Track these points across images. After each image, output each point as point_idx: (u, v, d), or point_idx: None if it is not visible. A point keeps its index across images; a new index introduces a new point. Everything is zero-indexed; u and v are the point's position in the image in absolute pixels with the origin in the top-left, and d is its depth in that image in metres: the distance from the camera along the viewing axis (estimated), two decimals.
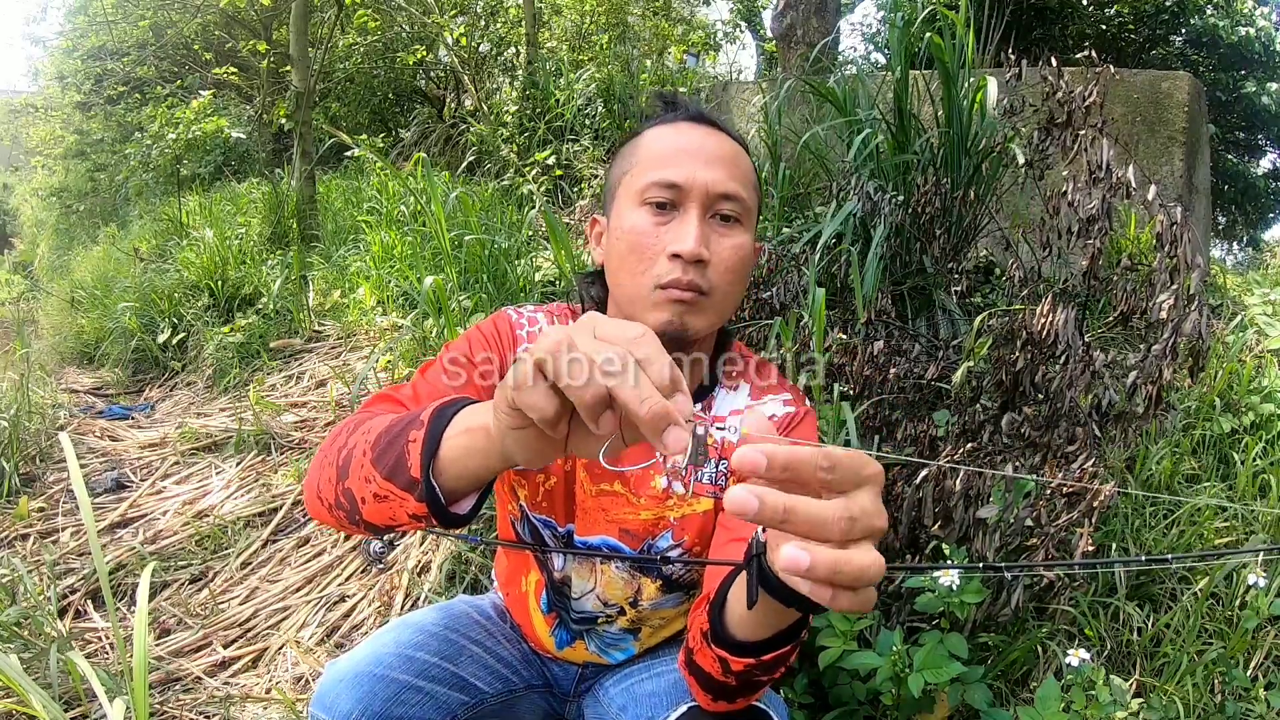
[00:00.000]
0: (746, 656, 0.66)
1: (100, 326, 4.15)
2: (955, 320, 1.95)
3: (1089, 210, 1.46)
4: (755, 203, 0.88)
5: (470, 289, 2.50)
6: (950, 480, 1.29)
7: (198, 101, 5.52)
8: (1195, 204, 2.83)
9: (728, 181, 0.82)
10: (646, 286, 0.82)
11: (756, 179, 0.88)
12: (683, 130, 0.85)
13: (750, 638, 0.66)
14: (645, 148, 0.85)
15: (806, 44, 3.30)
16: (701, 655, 0.72)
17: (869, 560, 0.43)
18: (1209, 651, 1.33)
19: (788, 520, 0.42)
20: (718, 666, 0.70)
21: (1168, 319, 1.34)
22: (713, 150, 0.83)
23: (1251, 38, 7.23)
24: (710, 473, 0.90)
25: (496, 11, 5.76)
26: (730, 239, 0.83)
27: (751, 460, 0.42)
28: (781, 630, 0.64)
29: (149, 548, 2.05)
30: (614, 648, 0.99)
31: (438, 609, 1.02)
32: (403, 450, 0.62)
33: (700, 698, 0.78)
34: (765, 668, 0.67)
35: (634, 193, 0.83)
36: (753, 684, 0.71)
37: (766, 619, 0.63)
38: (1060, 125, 1.56)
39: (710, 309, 0.83)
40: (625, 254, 0.83)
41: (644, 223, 0.82)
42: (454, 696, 0.89)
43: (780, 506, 0.42)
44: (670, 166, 0.81)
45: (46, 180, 9.24)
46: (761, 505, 0.42)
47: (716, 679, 0.72)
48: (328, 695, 0.83)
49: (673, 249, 0.80)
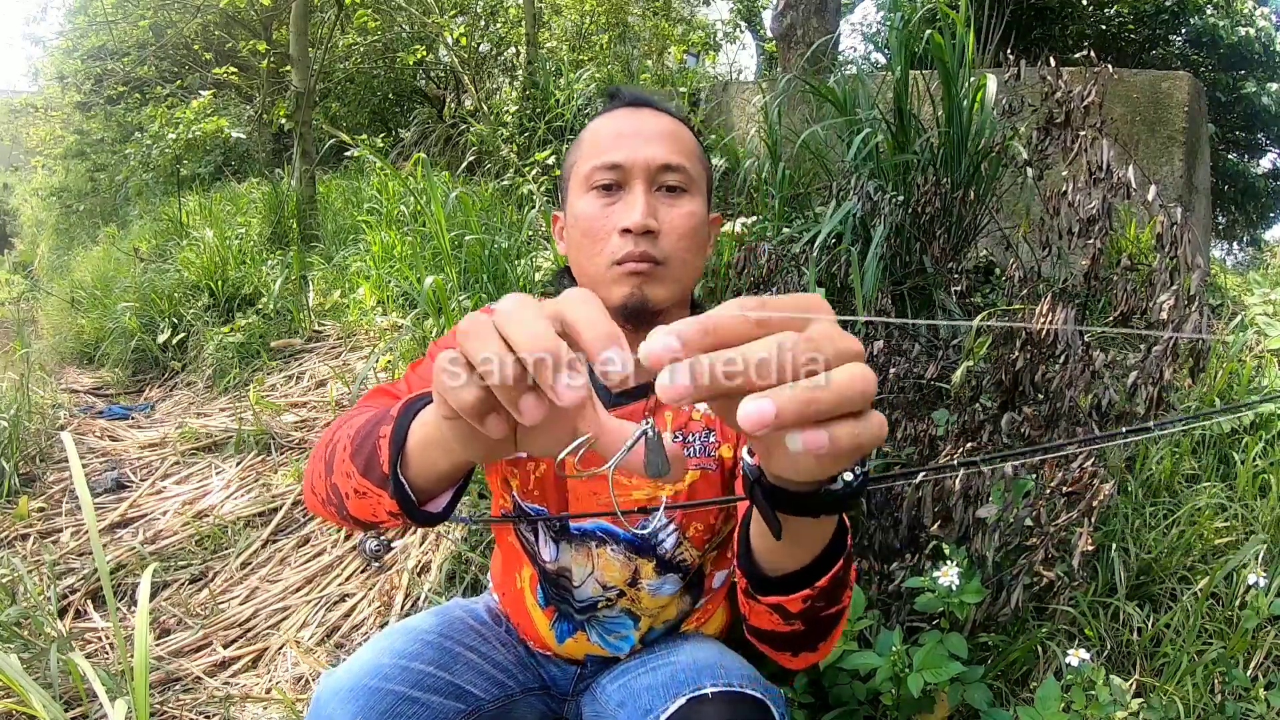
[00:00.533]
0: (798, 589, 0.60)
1: (100, 326, 4.15)
2: (955, 320, 1.95)
3: (1089, 210, 1.46)
4: (701, 174, 0.90)
5: (470, 289, 2.50)
6: (950, 480, 1.29)
7: (198, 101, 5.52)
8: (1195, 204, 2.83)
9: (668, 154, 0.85)
10: (603, 266, 0.85)
11: (701, 151, 0.91)
12: (620, 116, 0.89)
13: (794, 567, 0.60)
14: (589, 138, 0.89)
15: (806, 44, 3.30)
16: (757, 617, 0.67)
17: (851, 374, 0.36)
18: (1209, 651, 1.34)
19: (735, 375, 0.35)
20: (776, 618, 0.64)
21: (1168, 320, 1.34)
22: (651, 128, 0.87)
23: (1251, 38, 7.23)
24: (700, 443, 0.91)
25: (496, 11, 5.76)
26: (679, 207, 0.86)
27: (661, 347, 0.36)
28: (823, 549, 0.58)
29: (149, 548, 2.05)
30: (614, 635, 0.99)
31: (433, 614, 1.02)
32: (374, 446, 0.61)
33: (784, 660, 0.73)
34: (825, 595, 0.61)
35: (581, 180, 0.87)
36: (821, 621, 0.65)
37: (799, 541, 0.57)
38: (1059, 125, 1.56)
39: (668, 278, 0.85)
40: (580, 239, 0.87)
41: (593, 207, 0.85)
42: (450, 705, 0.89)
43: (718, 365, 0.35)
44: (611, 150, 0.85)
45: (46, 180, 9.23)
46: (695, 377, 0.35)
47: (782, 632, 0.66)
48: (324, 709, 0.83)
49: (621, 224, 0.83)
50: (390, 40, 6.15)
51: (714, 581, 1.01)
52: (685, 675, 0.86)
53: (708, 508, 0.92)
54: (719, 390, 0.36)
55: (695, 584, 0.99)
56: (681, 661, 0.90)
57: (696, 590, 1.00)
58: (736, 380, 0.36)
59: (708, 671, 0.86)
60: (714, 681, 0.83)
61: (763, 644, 0.72)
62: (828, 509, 0.48)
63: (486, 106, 4.99)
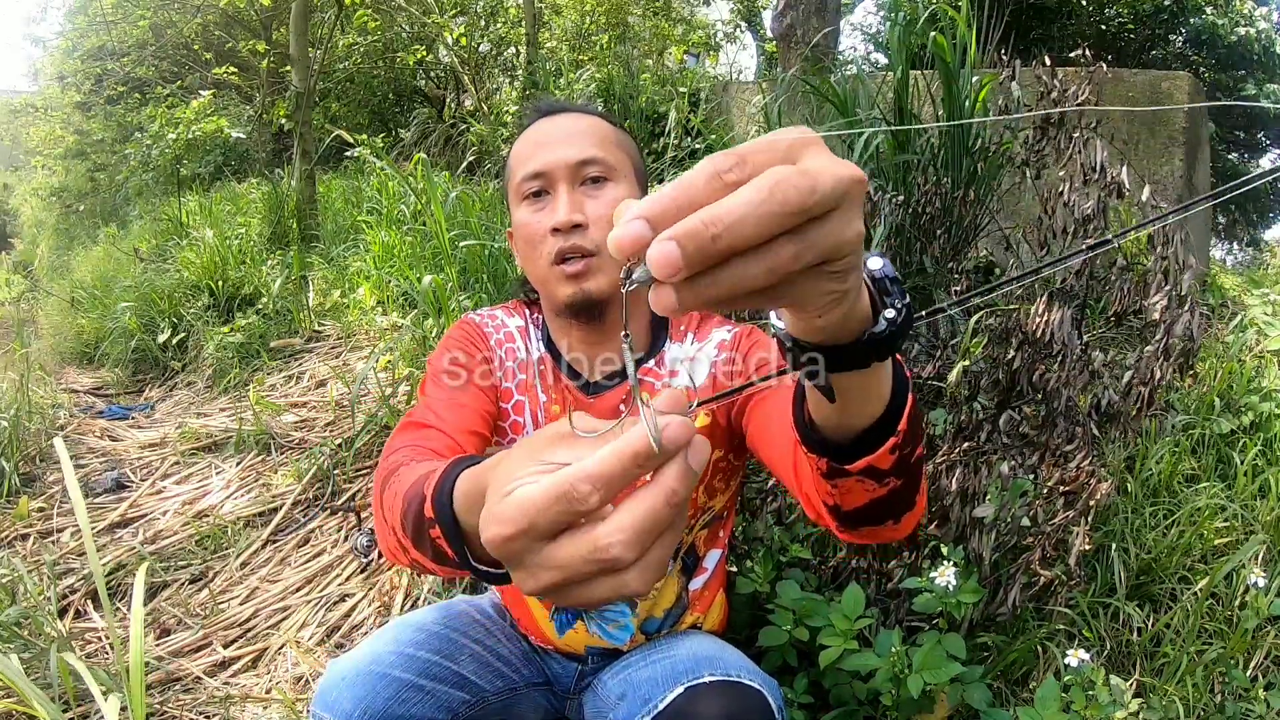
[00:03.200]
0: (883, 442, 0.54)
1: (100, 326, 4.15)
2: (955, 319, 1.95)
3: (1084, 210, 1.46)
4: (623, 159, 0.94)
5: (470, 289, 2.50)
6: (946, 480, 1.29)
7: (198, 101, 5.51)
8: None
9: (582, 150, 0.90)
10: (544, 268, 0.90)
11: (623, 138, 0.96)
12: (538, 126, 0.95)
13: (868, 423, 0.53)
14: (515, 153, 0.95)
15: (806, 44, 3.30)
16: (850, 496, 0.60)
17: (816, 170, 0.31)
18: (1209, 651, 1.33)
19: (723, 232, 0.30)
20: (870, 483, 0.57)
21: (1160, 320, 1.34)
22: (564, 130, 0.92)
23: (1251, 38, 7.23)
24: None
25: (496, 11, 5.76)
26: (603, 195, 0.90)
27: (628, 235, 0.31)
28: (890, 393, 0.52)
29: (149, 548, 2.05)
30: (612, 624, 1.00)
31: (437, 608, 1.03)
32: (434, 544, 0.55)
33: (889, 534, 0.66)
34: (909, 437, 0.55)
35: (515, 193, 0.93)
36: (912, 468, 0.59)
37: (864, 395, 0.51)
38: (1055, 125, 1.57)
39: (605, 267, 0.89)
40: (524, 247, 0.93)
41: (526, 215, 0.92)
42: (455, 695, 0.90)
43: (701, 225, 0.30)
44: (532, 159, 0.91)
45: (46, 180, 9.23)
46: (681, 241, 0.30)
47: (881, 497, 0.59)
48: (329, 694, 0.84)
49: (549, 225, 0.88)
50: (390, 40, 6.15)
51: (708, 561, 1.03)
52: (684, 666, 0.87)
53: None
54: (708, 255, 0.30)
55: (689, 564, 1.01)
56: (681, 655, 0.91)
57: (691, 569, 1.01)
58: (723, 242, 0.30)
59: (706, 662, 0.87)
60: (712, 671, 0.84)
61: (863, 527, 0.65)
62: (876, 354, 0.44)
63: (486, 106, 4.99)
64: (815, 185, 0.31)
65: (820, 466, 0.57)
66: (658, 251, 0.30)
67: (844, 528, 0.66)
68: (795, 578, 1.31)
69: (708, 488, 0.97)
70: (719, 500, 0.99)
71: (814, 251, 0.32)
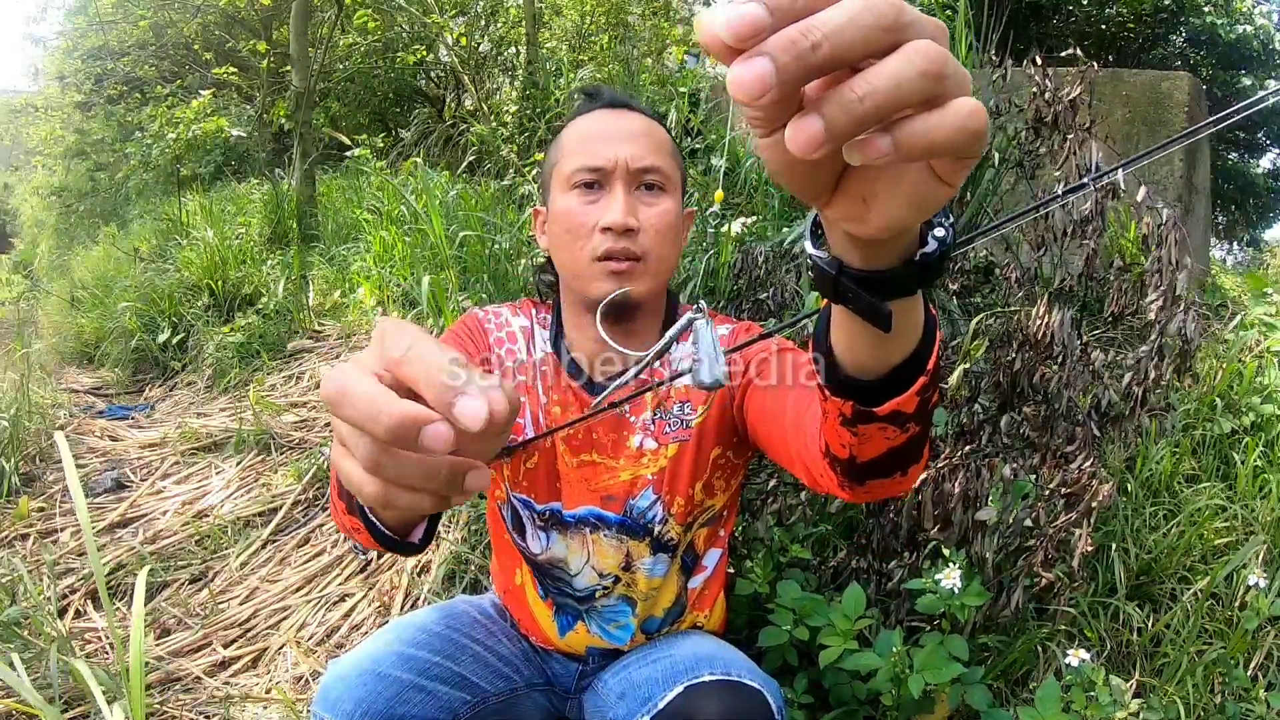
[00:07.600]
0: (913, 382, 0.52)
1: (100, 326, 4.15)
2: (955, 320, 1.95)
3: (1082, 211, 1.46)
4: (675, 170, 0.94)
5: (470, 289, 2.50)
6: (949, 483, 1.29)
7: (198, 101, 5.51)
8: (1195, 204, 2.83)
9: (645, 155, 0.89)
10: (585, 261, 0.89)
11: (675, 149, 0.95)
12: (599, 117, 0.92)
13: (899, 359, 0.51)
14: (570, 138, 0.93)
15: None
16: (870, 446, 0.59)
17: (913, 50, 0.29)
18: (1209, 651, 1.34)
19: (823, 40, 0.27)
20: (893, 430, 0.56)
21: (1155, 320, 1.34)
22: (628, 129, 0.90)
23: (1250, 35, 7.23)
24: (677, 417, 0.95)
25: (496, 11, 5.76)
26: (657, 205, 0.90)
27: (744, 17, 0.27)
28: (919, 320, 0.50)
29: (149, 548, 2.05)
30: (613, 624, 1.00)
31: (438, 609, 1.03)
32: (351, 499, 0.61)
33: (896, 487, 0.65)
34: (935, 377, 0.54)
35: (563, 179, 0.91)
36: (928, 414, 0.57)
37: (898, 327, 0.47)
38: (1049, 125, 1.56)
39: (647, 273, 0.89)
40: (563, 235, 0.90)
41: (575, 204, 0.89)
42: (456, 695, 0.90)
43: (798, 34, 0.27)
44: (592, 151, 0.89)
45: (46, 180, 9.22)
46: (775, 54, 0.27)
47: (898, 447, 0.58)
48: (330, 694, 0.84)
49: (603, 223, 0.87)
50: (390, 40, 6.14)
51: (708, 559, 1.03)
52: (685, 665, 0.87)
53: (692, 471, 0.95)
54: (806, 67, 0.27)
55: (688, 562, 1.01)
56: (681, 654, 0.91)
57: (690, 568, 1.01)
58: (822, 52, 0.27)
59: (706, 662, 0.87)
60: (712, 670, 0.84)
61: (871, 481, 0.64)
62: (928, 276, 0.42)
63: (486, 106, 4.99)
64: (912, 19, 0.29)
65: (845, 410, 0.55)
66: (746, 65, 0.27)
67: (851, 482, 0.64)
68: (795, 578, 1.31)
69: (707, 486, 0.97)
70: (719, 499, 0.99)
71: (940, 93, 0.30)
